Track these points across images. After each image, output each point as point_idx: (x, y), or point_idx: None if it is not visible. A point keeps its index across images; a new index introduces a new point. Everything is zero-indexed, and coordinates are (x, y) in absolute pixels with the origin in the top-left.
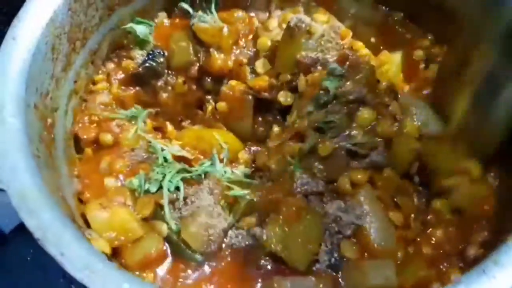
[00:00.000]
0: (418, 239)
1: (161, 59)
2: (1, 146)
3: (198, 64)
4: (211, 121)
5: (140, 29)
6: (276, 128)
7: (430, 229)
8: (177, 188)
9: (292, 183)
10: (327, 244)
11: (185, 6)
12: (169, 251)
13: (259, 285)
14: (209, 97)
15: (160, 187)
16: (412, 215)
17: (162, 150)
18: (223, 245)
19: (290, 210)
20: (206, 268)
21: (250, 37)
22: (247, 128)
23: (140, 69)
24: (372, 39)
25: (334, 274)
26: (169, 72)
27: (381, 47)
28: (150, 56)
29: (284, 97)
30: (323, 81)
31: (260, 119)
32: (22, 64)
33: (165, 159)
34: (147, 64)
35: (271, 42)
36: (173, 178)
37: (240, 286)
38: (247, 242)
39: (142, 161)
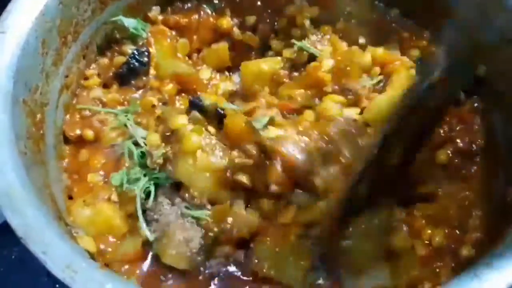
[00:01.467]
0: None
1: (145, 59)
2: None
3: None
4: None
5: (129, 22)
6: None
7: (424, 229)
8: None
9: None
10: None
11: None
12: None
13: None
14: None
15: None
16: None
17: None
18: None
19: (277, 230)
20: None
21: None
22: None
23: (123, 68)
24: (361, 40)
25: None
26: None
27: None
28: (134, 55)
29: None
30: None
31: None
32: (11, 58)
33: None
34: (130, 64)
35: None
36: (148, 183)
37: None
38: (229, 269)
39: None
